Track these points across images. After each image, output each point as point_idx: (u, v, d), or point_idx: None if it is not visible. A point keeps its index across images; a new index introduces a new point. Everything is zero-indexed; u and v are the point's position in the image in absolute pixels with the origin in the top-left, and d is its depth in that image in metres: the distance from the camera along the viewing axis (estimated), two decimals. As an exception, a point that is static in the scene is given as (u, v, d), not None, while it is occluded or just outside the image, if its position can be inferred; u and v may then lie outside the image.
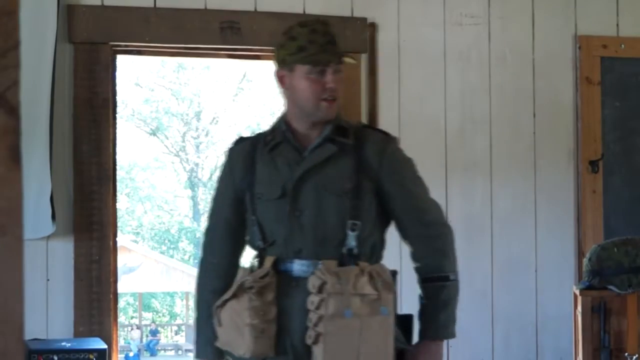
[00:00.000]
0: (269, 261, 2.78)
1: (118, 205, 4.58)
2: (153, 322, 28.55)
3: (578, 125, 4.96)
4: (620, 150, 4.99)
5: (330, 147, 2.81)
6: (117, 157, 4.54)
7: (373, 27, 3.12)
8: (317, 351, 2.68)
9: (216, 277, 2.91)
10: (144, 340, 26.69)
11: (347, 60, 2.91)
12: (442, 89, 4.85)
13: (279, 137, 2.84)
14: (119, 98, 4.57)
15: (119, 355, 4.65)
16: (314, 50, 2.76)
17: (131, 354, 24.70)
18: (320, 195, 2.79)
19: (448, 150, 4.83)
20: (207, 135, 31.31)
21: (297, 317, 2.72)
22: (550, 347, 4.87)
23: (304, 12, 4.68)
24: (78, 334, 4.32)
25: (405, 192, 2.86)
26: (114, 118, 4.53)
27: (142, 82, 29.83)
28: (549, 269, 4.90)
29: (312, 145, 2.82)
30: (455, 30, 4.87)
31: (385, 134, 2.93)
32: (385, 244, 2.90)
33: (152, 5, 4.52)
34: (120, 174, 4.85)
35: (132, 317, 28.96)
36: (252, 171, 2.85)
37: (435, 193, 4.76)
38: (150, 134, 30.95)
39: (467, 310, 4.80)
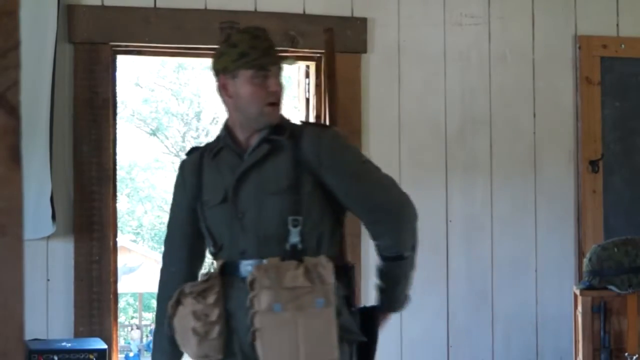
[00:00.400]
0: (218, 265, 2.84)
1: (118, 205, 4.58)
2: (153, 322, 28.52)
3: (578, 125, 4.96)
4: (620, 150, 4.99)
5: (264, 147, 2.84)
6: (117, 157, 4.54)
7: (331, 31, 3.15)
8: (258, 348, 2.71)
9: (174, 287, 2.92)
10: (144, 340, 26.69)
11: (288, 63, 2.99)
12: (442, 89, 4.85)
13: (221, 143, 2.90)
14: (119, 98, 4.57)
15: (119, 355, 4.65)
16: (256, 55, 2.80)
17: (131, 354, 24.69)
18: (259, 195, 2.82)
19: (448, 150, 4.83)
20: (207, 135, 31.28)
21: (243, 316, 2.76)
22: (550, 347, 4.87)
23: (304, 12, 4.68)
24: (78, 334, 4.32)
25: (346, 180, 2.86)
26: (114, 118, 4.53)
27: (142, 82, 29.83)
28: (549, 269, 4.90)
29: (250, 148, 2.86)
30: (455, 30, 4.87)
31: (322, 125, 2.98)
32: (340, 234, 2.92)
33: (152, 5, 4.52)
34: (120, 174, 4.85)
35: (132, 317, 28.95)
36: (200, 180, 2.92)
37: (436, 193, 4.80)
38: (151, 134, 30.95)
39: (467, 310, 4.81)
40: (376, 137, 4.71)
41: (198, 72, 30.05)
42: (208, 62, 3.10)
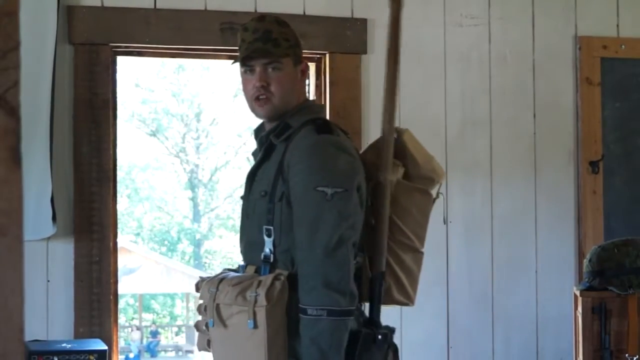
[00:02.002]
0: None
1: (118, 206, 4.58)
2: (153, 323, 28.54)
3: (578, 125, 4.96)
4: (621, 151, 4.99)
5: (259, 150, 2.81)
6: (117, 158, 4.54)
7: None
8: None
9: None
10: (145, 341, 26.69)
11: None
12: (443, 89, 4.85)
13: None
14: (119, 99, 4.57)
15: (120, 357, 4.65)
16: (243, 48, 2.75)
17: (131, 355, 24.69)
18: (253, 198, 2.76)
19: (448, 151, 4.83)
20: (207, 136, 31.30)
21: None
22: (550, 348, 4.87)
23: (304, 12, 4.68)
24: (78, 335, 4.32)
25: (294, 201, 2.64)
26: (114, 119, 4.52)
27: (142, 83, 29.82)
28: (549, 270, 4.90)
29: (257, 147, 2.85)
30: (455, 31, 4.87)
31: (318, 128, 2.70)
32: None
33: (152, 6, 4.52)
34: (120, 175, 4.84)
35: (132, 318, 28.96)
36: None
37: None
38: (150, 135, 30.95)
39: (468, 310, 4.81)
40: (376, 137, 4.69)
41: (198, 73, 30.06)
42: (208, 62, 3.10)
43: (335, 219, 2.55)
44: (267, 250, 2.64)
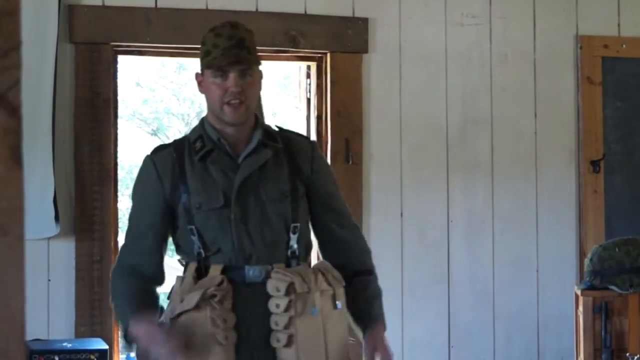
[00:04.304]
0: (216, 270, 2.76)
1: (119, 205, 4.58)
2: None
3: (579, 125, 4.96)
4: (622, 150, 4.99)
5: (266, 153, 2.82)
6: (118, 157, 4.54)
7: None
8: (289, 353, 2.69)
9: (143, 281, 2.86)
10: (145, 340, 26.66)
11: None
12: (444, 89, 4.85)
13: (210, 144, 2.82)
14: (120, 98, 4.57)
15: (120, 356, 4.65)
16: (216, 53, 2.80)
17: (132, 355, 24.69)
18: (262, 200, 2.80)
19: (449, 150, 4.83)
20: (208, 135, 31.27)
21: (256, 322, 2.73)
22: (551, 347, 4.87)
23: (305, 12, 4.68)
24: (79, 334, 4.32)
25: (329, 195, 2.94)
26: (115, 118, 4.53)
27: (143, 82, 29.83)
28: (550, 269, 4.90)
29: (245, 151, 2.82)
30: (456, 30, 4.87)
31: (307, 137, 3.08)
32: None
33: (153, 5, 4.52)
34: (121, 174, 4.84)
35: (133, 318, 28.93)
36: (184, 180, 2.82)
37: (437, 193, 4.80)
38: (151, 134, 30.94)
39: (469, 310, 4.81)
40: (377, 137, 4.70)
41: (199, 72, 30.07)
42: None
43: None
44: (294, 246, 2.81)
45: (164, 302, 2.95)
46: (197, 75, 2.92)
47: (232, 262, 2.77)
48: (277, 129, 2.94)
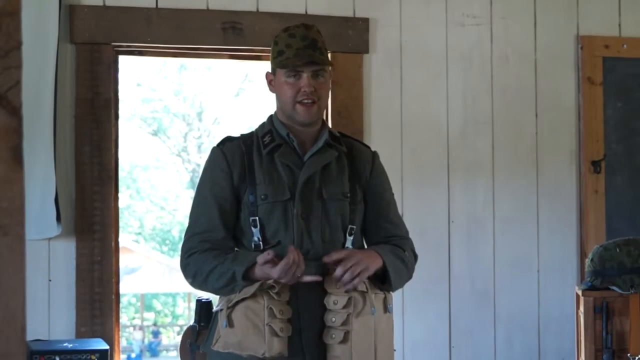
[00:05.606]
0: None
1: (119, 205, 4.57)
2: (155, 323, 28.56)
3: (580, 125, 4.96)
4: (623, 151, 4.99)
5: (332, 153, 2.91)
6: (119, 157, 4.54)
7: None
8: (343, 349, 2.73)
9: (222, 250, 2.84)
10: (146, 340, 26.70)
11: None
12: (444, 89, 4.85)
13: (278, 139, 2.90)
14: (120, 98, 4.57)
15: (121, 356, 4.65)
16: (290, 54, 2.84)
17: (133, 355, 24.71)
18: (324, 199, 2.87)
19: (450, 150, 4.83)
20: (209, 135, 31.31)
21: (311, 316, 2.77)
22: (552, 348, 4.86)
23: (306, 12, 4.68)
24: (80, 334, 4.32)
25: (385, 204, 3.01)
26: (116, 118, 4.53)
27: (144, 82, 29.83)
28: (551, 270, 4.90)
29: (312, 149, 2.90)
30: (457, 30, 4.87)
31: (368, 146, 3.11)
32: None
33: (154, 5, 4.52)
34: (121, 174, 4.85)
35: (134, 318, 28.97)
36: (251, 172, 2.87)
37: (438, 193, 4.80)
38: (152, 135, 30.96)
39: (469, 310, 4.81)
40: (378, 137, 4.70)
41: (200, 73, 30.08)
42: (210, 62, 3.11)
43: None
44: (349, 247, 2.87)
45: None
46: (267, 74, 2.95)
47: None
48: (339, 134, 3.03)
